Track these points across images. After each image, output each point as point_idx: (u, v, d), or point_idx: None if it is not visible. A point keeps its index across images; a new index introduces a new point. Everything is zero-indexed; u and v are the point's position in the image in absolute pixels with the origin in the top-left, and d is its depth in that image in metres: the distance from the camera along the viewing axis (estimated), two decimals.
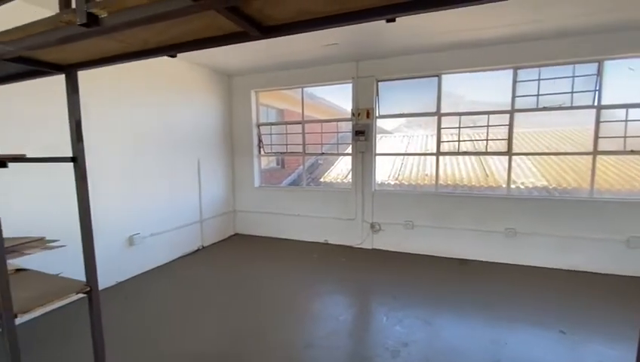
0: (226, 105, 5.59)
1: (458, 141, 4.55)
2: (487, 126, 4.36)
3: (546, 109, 4.06)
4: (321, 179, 7.24)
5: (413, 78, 4.62)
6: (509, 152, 4.26)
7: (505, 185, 4.43)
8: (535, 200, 4.19)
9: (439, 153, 4.62)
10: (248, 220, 5.78)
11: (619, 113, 3.86)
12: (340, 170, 7.58)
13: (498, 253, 4.27)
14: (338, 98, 5.76)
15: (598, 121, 3.85)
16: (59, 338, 2.58)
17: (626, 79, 3.85)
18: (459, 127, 4.49)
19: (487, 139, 4.43)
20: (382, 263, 4.32)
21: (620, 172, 5.05)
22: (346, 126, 5.13)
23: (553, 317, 2.88)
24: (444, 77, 4.45)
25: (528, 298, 3.25)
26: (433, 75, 4.46)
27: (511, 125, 4.21)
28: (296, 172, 7.03)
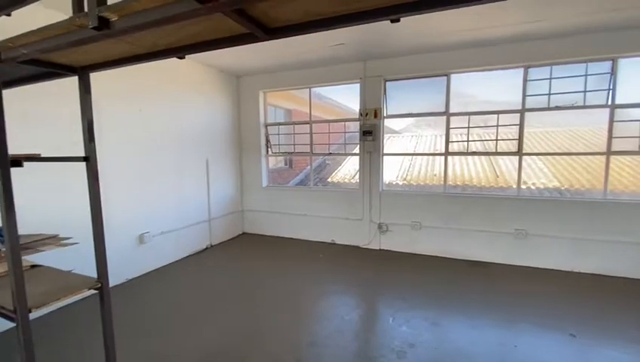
0: (235, 105, 5.65)
1: (467, 141, 4.51)
2: (497, 126, 4.31)
3: (557, 108, 3.99)
4: (329, 179, 7.25)
5: (422, 78, 4.59)
6: (520, 152, 4.19)
7: (515, 186, 4.36)
8: (546, 201, 4.11)
9: (448, 153, 4.58)
10: (256, 220, 5.82)
11: (634, 112, 3.77)
12: (348, 170, 7.57)
13: (508, 255, 4.21)
14: (346, 98, 5.77)
15: (612, 120, 3.76)
16: (70, 333, 2.65)
17: None
18: (468, 127, 4.45)
19: (497, 139, 4.37)
20: (389, 264, 4.30)
21: (635, 173, 4.93)
22: (354, 126, 5.13)
23: (564, 320, 2.82)
24: (454, 76, 4.41)
25: (538, 300, 3.20)
26: (442, 75, 4.42)
27: (521, 125, 4.14)
28: (303, 172, 7.05)
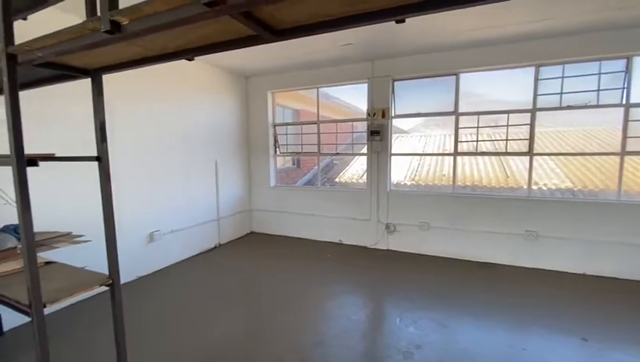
0: (243, 105, 5.70)
1: (476, 141, 4.45)
2: (507, 125, 4.25)
3: (570, 108, 3.91)
4: (337, 179, 7.25)
5: (431, 77, 4.55)
6: (530, 152, 4.12)
7: (526, 186, 4.29)
8: (558, 202, 4.03)
9: (457, 153, 4.53)
10: (264, 219, 5.86)
11: None
12: (355, 170, 7.56)
13: (518, 256, 4.15)
14: (353, 98, 5.77)
15: (626, 119, 3.67)
16: (81, 329, 2.72)
17: None
18: (477, 127, 4.39)
19: (507, 139, 4.31)
20: (396, 264, 4.28)
21: None
22: (362, 126, 5.12)
23: (575, 323, 2.77)
24: (463, 75, 4.36)
25: (549, 303, 3.15)
26: (451, 74, 4.38)
27: (532, 125, 4.07)
28: (311, 172, 7.07)
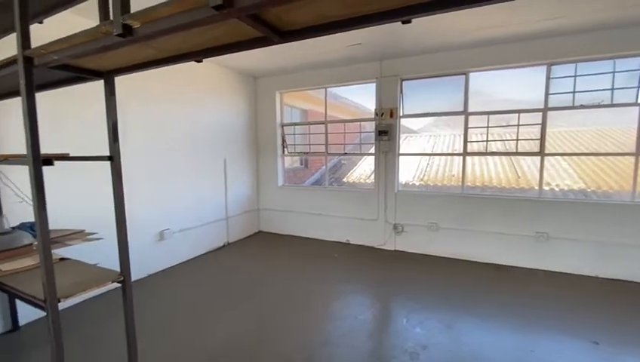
0: (252, 106, 5.74)
1: (486, 141, 4.40)
2: (518, 125, 4.18)
3: (583, 107, 3.83)
4: (344, 179, 7.25)
5: (440, 77, 4.51)
6: (542, 153, 4.05)
7: (537, 187, 4.21)
8: (570, 203, 3.95)
9: (466, 153, 4.48)
10: (271, 218, 5.90)
11: None
12: (363, 170, 7.55)
13: (528, 258, 4.08)
14: (362, 97, 5.76)
15: None
16: (93, 324, 2.79)
17: None
18: (487, 127, 4.34)
19: (518, 139, 4.24)
20: (404, 265, 4.26)
21: None
22: (370, 126, 5.11)
23: (586, 326, 2.72)
24: (473, 75, 4.31)
25: (559, 305, 3.09)
26: (460, 73, 4.34)
27: (544, 124, 4.00)
28: (319, 172, 7.09)
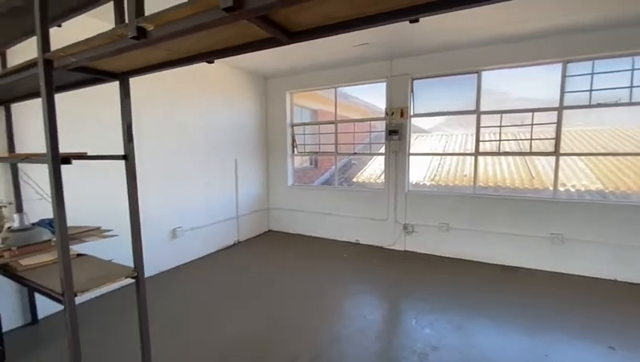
0: (262, 106, 5.79)
1: (499, 140, 4.33)
2: (532, 124, 4.10)
3: (599, 106, 3.73)
4: (354, 179, 7.23)
5: (451, 75, 4.46)
6: (557, 152, 3.96)
7: (552, 188, 4.12)
8: (587, 204, 3.85)
9: (478, 153, 4.42)
10: (281, 217, 5.94)
11: None
12: (373, 170, 7.52)
13: (542, 260, 4.00)
14: (372, 97, 5.73)
15: None
16: (107, 319, 2.87)
17: None
18: (500, 126, 4.27)
19: (532, 139, 4.16)
20: (414, 265, 4.23)
21: None
22: (380, 125, 5.08)
23: (602, 331, 2.65)
24: (486, 73, 4.24)
25: (575, 309, 3.02)
26: (472, 72, 4.28)
27: (559, 123, 3.91)
28: (328, 171, 7.09)
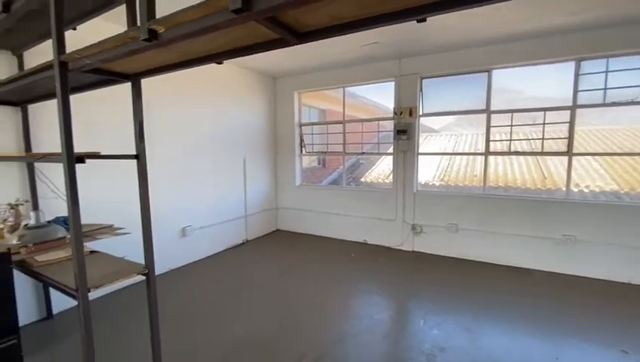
0: (271, 106, 5.83)
1: (510, 140, 4.26)
2: (544, 124, 4.02)
3: (614, 104, 3.64)
4: (362, 179, 7.22)
5: (461, 75, 4.41)
6: (569, 152, 3.88)
7: (564, 188, 4.04)
8: (601, 205, 3.76)
9: (488, 153, 4.36)
10: (289, 217, 5.97)
11: None
12: (382, 169, 7.49)
13: (553, 262, 3.92)
14: (380, 96, 5.70)
15: None
16: (118, 315, 2.94)
17: None
18: (511, 125, 4.21)
19: (544, 138, 4.08)
20: (422, 266, 4.20)
21: None
22: (389, 125, 5.06)
23: (615, 334, 2.59)
24: (498, 72, 4.18)
25: (587, 312, 2.96)
26: (482, 71, 4.23)
27: (572, 122, 3.83)
28: (336, 171, 7.09)
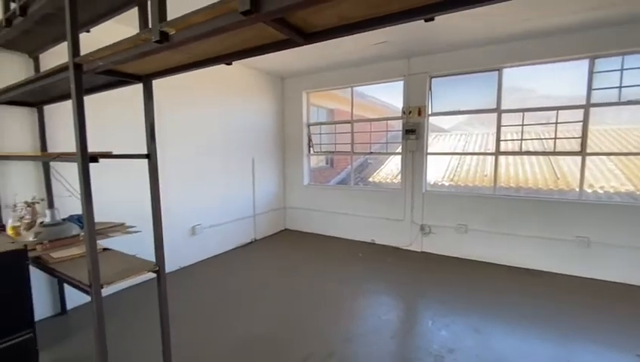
0: (279, 106, 5.86)
1: (521, 140, 4.20)
2: (556, 123, 3.95)
3: (630, 103, 3.55)
4: (370, 179, 7.20)
5: (471, 73, 4.36)
6: (583, 152, 3.80)
7: (578, 189, 3.95)
8: (616, 206, 3.67)
9: (499, 153, 4.30)
10: (297, 217, 5.99)
11: None
12: (390, 169, 7.45)
13: (566, 264, 3.85)
14: (389, 96, 5.68)
15: None
16: (128, 312, 3.00)
17: None
18: (522, 125, 4.14)
19: (556, 138, 4.01)
20: (431, 266, 4.17)
21: None
22: (397, 124, 5.03)
23: (629, 339, 2.52)
24: (509, 70, 4.12)
25: (600, 315, 2.89)
26: (493, 69, 4.17)
27: (586, 121, 3.75)
28: (344, 171, 7.08)
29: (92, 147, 1.56)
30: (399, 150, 4.98)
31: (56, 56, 2.45)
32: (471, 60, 4.22)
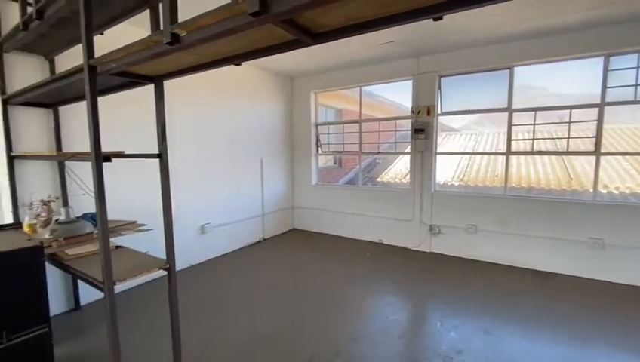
0: (288, 106, 5.88)
1: (532, 139, 4.12)
2: (570, 122, 3.87)
3: None
4: (378, 179, 7.17)
5: (482, 72, 4.30)
6: (597, 152, 3.71)
7: (592, 189, 3.87)
8: (631, 207, 3.57)
9: (510, 152, 4.24)
10: (305, 216, 6.00)
11: None
12: (399, 169, 7.41)
13: (579, 266, 3.77)
14: (398, 95, 5.66)
15: None
16: (139, 309, 3.06)
17: None
18: (534, 124, 4.07)
19: (569, 137, 3.93)
20: (439, 267, 4.13)
21: None
22: (406, 124, 5.00)
23: None
24: (520, 69, 4.05)
25: (613, 319, 2.83)
26: (504, 68, 4.11)
27: (600, 120, 3.67)
28: (352, 171, 7.08)
29: (105, 147, 1.59)
30: (408, 150, 4.95)
31: (71, 58, 2.51)
32: (481, 59, 4.17)
